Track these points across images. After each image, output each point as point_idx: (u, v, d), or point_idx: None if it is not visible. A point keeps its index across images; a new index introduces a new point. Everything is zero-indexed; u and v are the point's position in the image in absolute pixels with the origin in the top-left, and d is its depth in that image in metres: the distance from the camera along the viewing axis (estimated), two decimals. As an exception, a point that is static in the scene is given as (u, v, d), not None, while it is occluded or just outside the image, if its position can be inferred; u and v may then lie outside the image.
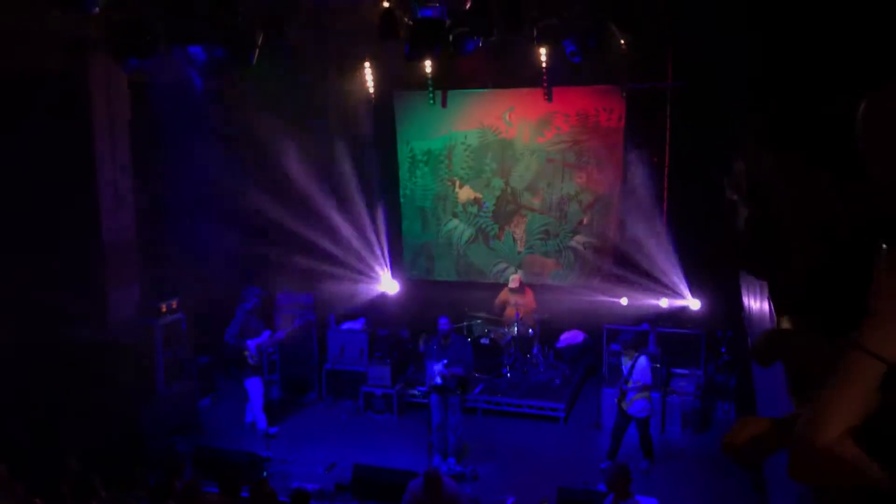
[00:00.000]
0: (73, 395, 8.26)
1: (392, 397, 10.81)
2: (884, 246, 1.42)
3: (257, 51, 8.07)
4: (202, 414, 10.77)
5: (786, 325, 1.85)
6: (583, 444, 9.88)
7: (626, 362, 9.05)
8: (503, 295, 11.82)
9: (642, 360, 8.95)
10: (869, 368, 1.38)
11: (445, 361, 9.15)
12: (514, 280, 11.71)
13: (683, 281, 11.24)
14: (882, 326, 1.39)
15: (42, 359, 8.05)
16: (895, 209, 1.46)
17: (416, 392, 10.62)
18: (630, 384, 8.86)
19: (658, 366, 9.99)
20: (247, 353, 9.88)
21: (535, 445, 9.84)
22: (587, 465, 9.13)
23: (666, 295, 11.38)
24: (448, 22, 7.81)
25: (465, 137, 12.58)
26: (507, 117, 12.32)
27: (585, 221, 12.31)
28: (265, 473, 8.67)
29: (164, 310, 10.06)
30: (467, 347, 9.60)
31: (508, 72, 11.77)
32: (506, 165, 12.49)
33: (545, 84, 11.30)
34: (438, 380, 9.10)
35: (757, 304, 7.21)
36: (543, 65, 10.42)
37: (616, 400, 9.11)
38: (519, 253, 12.76)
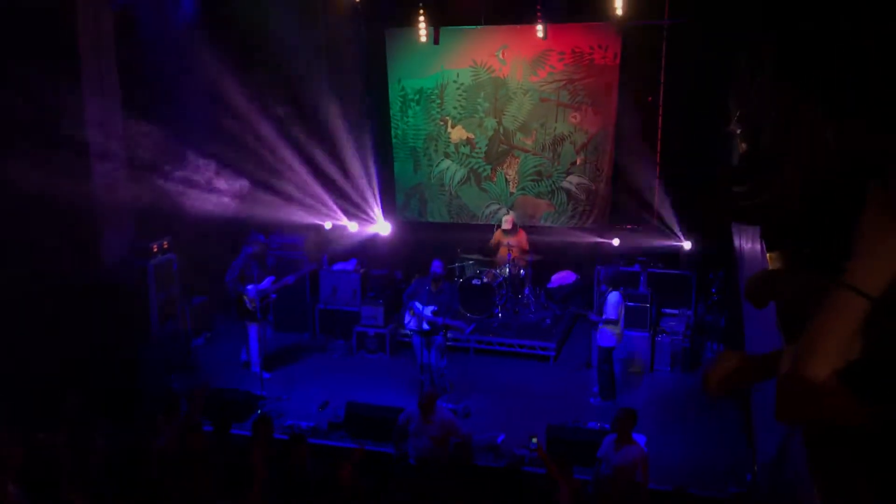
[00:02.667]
0: (69, 337, 8.27)
1: (385, 337, 10.90)
2: (871, 184, 1.43)
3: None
4: (197, 353, 10.85)
5: (776, 263, 1.85)
6: (573, 382, 10.01)
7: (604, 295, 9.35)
8: (497, 236, 11.82)
9: (612, 296, 9.17)
10: (854, 305, 1.41)
11: (434, 308, 9.21)
12: (507, 221, 11.70)
13: (676, 221, 11.25)
14: (866, 263, 1.41)
15: (37, 301, 8.03)
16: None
17: (407, 332, 10.70)
18: (602, 316, 9.19)
19: (649, 305, 10.11)
20: (245, 298, 9.83)
21: (526, 384, 9.97)
22: (577, 403, 9.29)
23: (658, 235, 11.41)
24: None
25: (458, 76, 12.41)
26: (501, 55, 12.13)
27: (578, 162, 12.25)
28: (259, 412, 8.77)
29: (155, 250, 10.03)
30: (455, 296, 9.66)
31: (502, 8, 11.57)
32: (499, 105, 12.36)
33: (539, 21, 11.10)
34: (426, 325, 9.20)
35: (749, 244, 7.24)
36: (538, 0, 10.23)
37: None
38: (511, 194, 12.72)
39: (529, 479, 7.11)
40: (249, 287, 9.75)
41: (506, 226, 11.66)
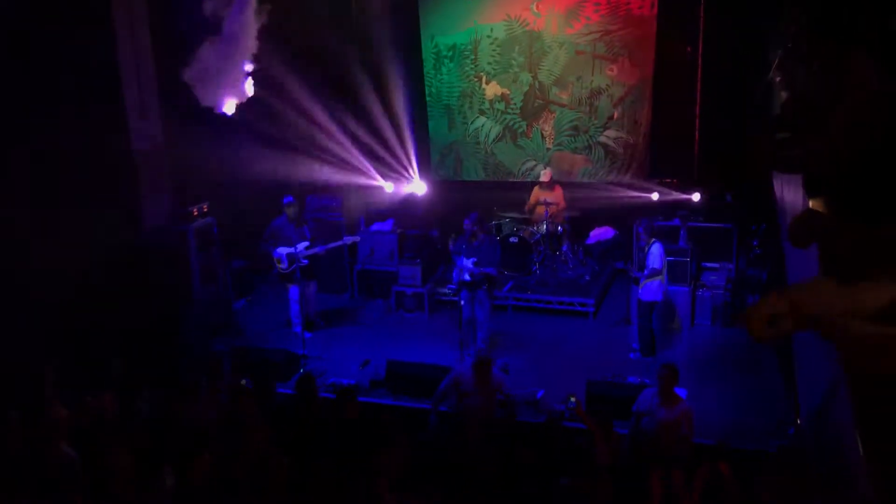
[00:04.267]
0: (112, 302, 8.44)
1: (423, 296, 10.95)
2: None
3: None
4: (238, 316, 11.01)
5: (819, 210, 1.81)
6: (612, 338, 9.96)
7: (645, 249, 9.10)
8: (534, 194, 11.71)
9: (655, 247, 8.93)
10: None
11: (475, 259, 9.16)
12: (545, 174, 11.60)
13: (716, 174, 11.04)
14: None
15: (79, 267, 8.19)
16: None
17: (446, 291, 10.73)
18: (644, 270, 8.96)
19: (689, 259, 9.95)
20: (276, 260, 9.91)
21: (565, 340, 9.96)
22: (616, 359, 9.26)
23: (698, 189, 11.21)
24: None
25: (492, 30, 12.23)
26: (535, 7, 11.91)
27: (616, 116, 12.05)
28: (301, 371, 8.90)
29: (195, 213, 10.15)
30: (496, 248, 9.57)
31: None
32: (534, 59, 12.16)
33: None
34: (467, 276, 9.15)
35: (790, 195, 7.09)
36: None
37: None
38: (548, 150, 12.58)
39: (569, 433, 7.14)
40: (279, 249, 9.82)
41: (544, 178, 11.56)
